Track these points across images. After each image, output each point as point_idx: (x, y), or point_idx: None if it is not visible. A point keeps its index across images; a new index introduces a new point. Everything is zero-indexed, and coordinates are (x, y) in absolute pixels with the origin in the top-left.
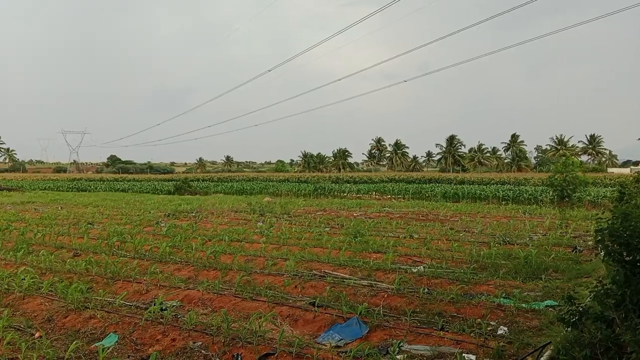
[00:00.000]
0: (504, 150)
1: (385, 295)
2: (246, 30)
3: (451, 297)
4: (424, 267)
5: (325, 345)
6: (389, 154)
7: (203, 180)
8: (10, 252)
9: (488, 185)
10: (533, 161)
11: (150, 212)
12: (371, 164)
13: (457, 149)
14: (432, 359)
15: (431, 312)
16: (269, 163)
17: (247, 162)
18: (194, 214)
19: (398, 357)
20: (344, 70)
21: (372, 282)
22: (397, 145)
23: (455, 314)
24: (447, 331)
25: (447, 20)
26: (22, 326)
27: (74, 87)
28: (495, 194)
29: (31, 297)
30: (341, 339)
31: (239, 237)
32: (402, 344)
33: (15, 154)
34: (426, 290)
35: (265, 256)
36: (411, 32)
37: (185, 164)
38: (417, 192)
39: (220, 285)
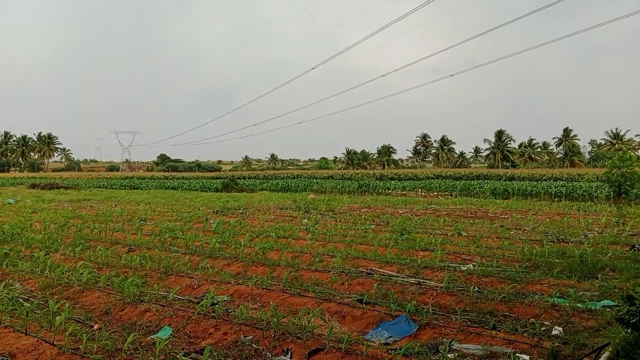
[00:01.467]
0: (556, 145)
1: (434, 294)
2: (290, 29)
3: (502, 296)
4: (473, 265)
5: (374, 343)
6: (434, 150)
7: (249, 178)
8: (69, 248)
9: (539, 182)
10: (587, 156)
11: (199, 209)
12: (416, 161)
13: (506, 144)
14: (483, 359)
15: (482, 311)
16: (313, 160)
17: (291, 159)
18: (241, 211)
19: (449, 355)
20: (389, 66)
21: (420, 280)
22: (444, 141)
23: (507, 313)
24: (499, 330)
25: (494, 12)
26: (81, 318)
27: (126, 89)
28: (547, 191)
29: (90, 291)
30: (390, 337)
31: (285, 233)
32: (452, 342)
33: (71, 153)
34: (476, 288)
35: (312, 253)
36: (457, 25)
37: (232, 162)
38: (465, 188)
39: (269, 281)
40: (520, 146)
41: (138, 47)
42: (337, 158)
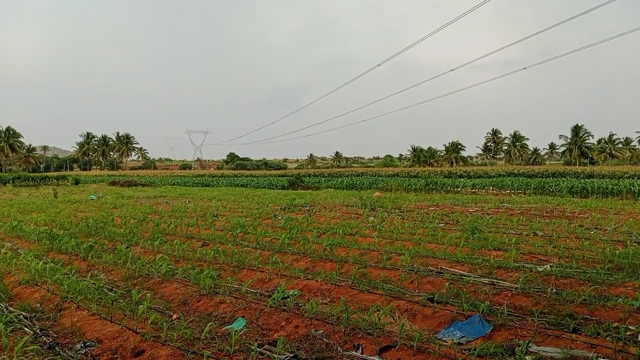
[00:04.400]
0: (639, 142)
1: (509, 294)
2: (357, 26)
3: (583, 298)
4: (550, 266)
5: (446, 342)
6: (506, 147)
7: (314, 176)
8: (148, 241)
9: (621, 179)
10: None
11: (267, 206)
12: (486, 158)
13: (584, 140)
14: None
15: (560, 314)
16: (377, 158)
17: (355, 157)
18: (307, 208)
19: (526, 357)
20: (457, 61)
21: (494, 280)
22: (516, 137)
23: (588, 317)
24: (579, 334)
25: (569, 0)
26: (161, 308)
27: (198, 89)
28: (630, 189)
29: (168, 282)
30: (463, 337)
31: (351, 231)
32: (529, 344)
33: (147, 152)
34: (554, 290)
35: (379, 250)
36: (531, 16)
37: (297, 160)
38: (540, 186)
39: (337, 277)
40: (599, 142)
41: (209, 48)
42: (402, 155)
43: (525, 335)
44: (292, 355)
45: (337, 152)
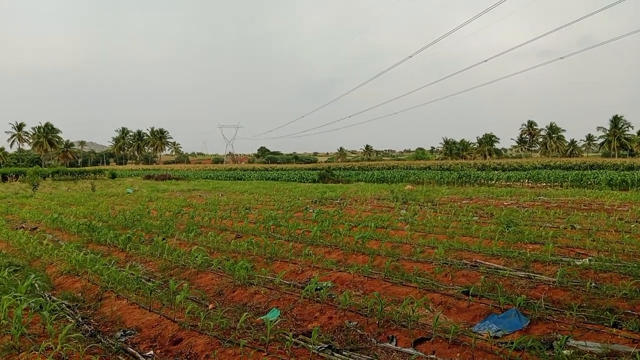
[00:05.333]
0: None
1: (546, 288)
2: (389, 17)
3: (624, 292)
4: (589, 260)
5: (482, 335)
6: (542, 139)
7: (344, 169)
8: (183, 233)
9: None
10: None
11: (298, 199)
12: (521, 150)
13: (623, 131)
14: (603, 357)
15: (600, 308)
16: (408, 151)
17: (386, 150)
18: (338, 201)
19: (565, 352)
20: (491, 51)
21: (530, 274)
22: (552, 129)
23: (630, 311)
24: (620, 328)
25: None
26: (197, 298)
27: (229, 84)
28: None
29: (203, 273)
30: (499, 330)
31: (383, 224)
32: (568, 339)
33: (180, 147)
34: (593, 284)
35: (411, 243)
36: (568, 3)
37: (327, 153)
38: (577, 179)
39: (370, 270)
40: (639, 133)
41: (241, 42)
42: (434, 148)
43: (563, 330)
44: (326, 345)
45: (367, 145)
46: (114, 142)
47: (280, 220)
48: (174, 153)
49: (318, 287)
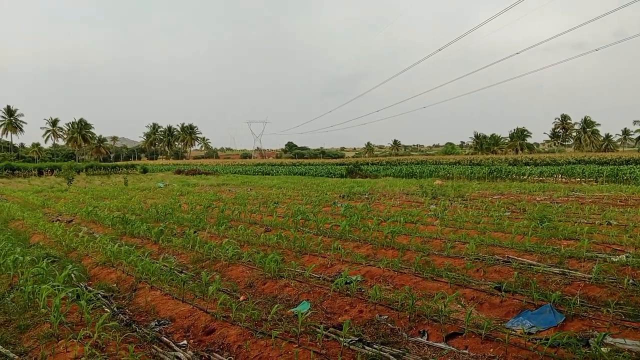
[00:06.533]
0: None
1: (582, 285)
2: (416, 10)
3: None
4: (626, 257)
5: (516, 331)
6: (575, 133)
7: (372, 164)
8: (214, 226)
9: None
10: None
11: (326, 194)
12: (554, 144)
13: None
14: None
15: (638, 305)
16: (437, 146)
17: (414, 145)
18: (366, 196)
19: (602, 349)
20: (523, 44)
21: (565, 270)
22: (586, 123)
23: None
24: None
25: None
26: (228, 290)
27: (256, 80)
28: None
29: (234, 265)
30: (533, 326)
31: (412, 219)
32: (605, 336)
33: (209, 142)
34: (631, 281)
35: (442, 239)
36: None
37: (354, 148)
38: (613, 174)
39: (400, 264)
40: None
41: (267, 39)
42: (464, 143)
43: (600, 327)
44: (357, 338)
45: (395, 140)
46: (145, 138)
47: (309, 214)
48: (203, 148)
49: (348, 281)
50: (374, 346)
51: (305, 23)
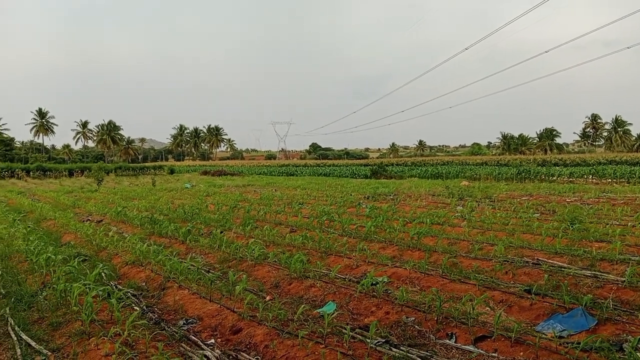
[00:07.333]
0: None
1: (614, 288)
2: (442, 9)
3: None
4: None
5: (546, 335)
6: (606, 133)
7: (397, 165)
8: (240, 227)
9: None
10: None
11: (351, 195)
12: (584, 145)
13: None
14: None
15: None
16: (463, 146)
17: (440, 146)
18: (391, 197)
19: (638, 354)
20: (551, 42)
21: (596, 273)
22: (618, 122)
23: None
24: None
25: None
26: (255, 289)
27: (280, 83)
28: None
29: (260, 265)
30: (564, 330)
31: (439, 220)
32: None
33: (235, 143)
34: None
35: (469, 240)
36: None
37: (379, 149)
38: None
39: (426, 266)
40: None
41: (292, 40)
42: (490, 143)
43: (634, 331)
44: (384, 340)
45: (420, 141)
46: (172, 139)
47: (334, 215)
48: (228, 149)
49: (374, 282)
50: (401, 348)
51: (330, 23)
